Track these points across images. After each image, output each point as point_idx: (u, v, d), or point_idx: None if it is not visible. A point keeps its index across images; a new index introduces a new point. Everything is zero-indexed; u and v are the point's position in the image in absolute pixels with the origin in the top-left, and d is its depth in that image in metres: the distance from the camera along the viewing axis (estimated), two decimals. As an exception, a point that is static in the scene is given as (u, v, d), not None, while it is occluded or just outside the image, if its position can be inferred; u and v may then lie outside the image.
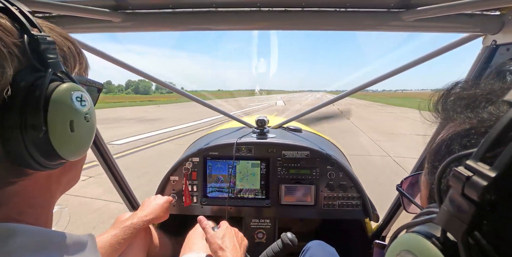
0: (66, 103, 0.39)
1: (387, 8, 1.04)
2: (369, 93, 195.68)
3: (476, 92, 0.38)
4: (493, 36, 1.04)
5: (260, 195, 1.70)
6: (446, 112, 0.42)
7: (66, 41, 0.46)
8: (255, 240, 1.73)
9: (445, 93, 0.43)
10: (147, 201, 1.45)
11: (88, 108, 0.43)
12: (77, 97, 0.41)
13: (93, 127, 0.46)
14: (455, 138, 0.37)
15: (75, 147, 0.42)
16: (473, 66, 1.14)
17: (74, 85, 0.41)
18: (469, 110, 0.37)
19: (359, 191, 1.63)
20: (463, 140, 0.35)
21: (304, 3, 1.03)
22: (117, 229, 1.18)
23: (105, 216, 3.77)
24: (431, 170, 0.41)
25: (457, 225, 0.28)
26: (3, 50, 0.34)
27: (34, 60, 0.37)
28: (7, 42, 0.34)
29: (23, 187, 0.40)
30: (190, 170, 1.68)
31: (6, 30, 0.35)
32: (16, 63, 0.35)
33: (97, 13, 1.01)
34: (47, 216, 0.45)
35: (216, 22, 1.10)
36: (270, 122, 2.05)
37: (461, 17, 1.03)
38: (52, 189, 0.46)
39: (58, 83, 0.39)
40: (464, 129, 0.36)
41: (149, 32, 1.16)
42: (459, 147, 0.35)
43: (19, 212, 0.40)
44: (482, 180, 0.25)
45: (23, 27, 0.37)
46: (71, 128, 0.40)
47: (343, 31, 1.16)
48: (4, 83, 0.34)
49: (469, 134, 0.35)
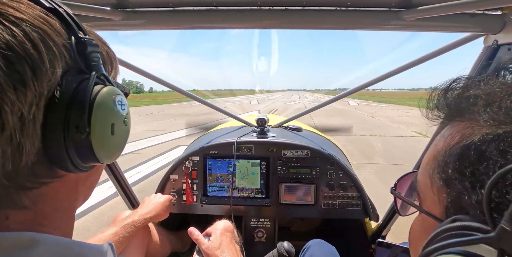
0: (109, 106, 0.40)
1: (388, 7, 1.04)
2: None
3: (495, 91, 0.35)
4: (495, 36, 1.04)
5: (260, 194, 1.70)
6: (459, 111, 0.38)
7: (103, 46, 0.47)
8: (254, 239, 1.73)
9: (449, 89, 0.41)
10: (148, 199, 1.45)
11: (126, 112, 0.44)
12: (118, 101, 0.41)
13: (129, 132, 0.46)
14: (487, 141, 0.32)
15: (113, 150, 0.42)
16: (474, 65, 1.13)
17: (116, 89, 0.42)
18: (493, 110, 0.34)
19: (359, 190, 1.63)
20: (500, 144, 0.31)
21: (304, 2, 1.03)
22: (117, 227, 1.18)
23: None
24: (455, 176, 0.35)
25: None
26: (54, 51, 0.34)
27: (80, 63, 0.38)
28: (58, 43, 0.34)
29: (53, 189, 0.39)
30: (190, 168, 1.68)
31: (56, 31, 0.35)
32: (64, 64, 0.35)
33: (97, 11, 1.01)
34: (69, 221, 0.45)
35: (216, 21, 1.10)
36: (271, 121, 2.05)
37: (463, 17, 1.03)
38: (78, 192, 0.45)
39: (101, 86, 0.39)
40: (497, 133, 0.32)
41: (149, 30, 1.16)
42: (497, 153, 0.31)
43: (44, 216, 0.39)
44: None
45: (71, 29, 0.37)
46: (112, 131, 0.40)
47: (342, 30, 1.15)
48: (54, 83, 0.34)
49: (506, 138, 0.31)
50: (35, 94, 0.32)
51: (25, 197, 0.35)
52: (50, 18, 0.35)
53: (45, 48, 0.33)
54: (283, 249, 1.23)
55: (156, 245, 1.46)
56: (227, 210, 1.67)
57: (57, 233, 0.40)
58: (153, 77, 1.58)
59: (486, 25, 1.03)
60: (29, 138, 0.32)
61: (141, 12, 1.09)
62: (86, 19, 1.07)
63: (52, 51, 0.33)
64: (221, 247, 1.06)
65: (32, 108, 0.32)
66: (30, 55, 0.31)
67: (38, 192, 0.37)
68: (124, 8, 1.07)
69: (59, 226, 0.42)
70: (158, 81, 1.61)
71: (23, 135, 0.32)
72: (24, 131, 0.31)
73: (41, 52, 0.32)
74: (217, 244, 1.06)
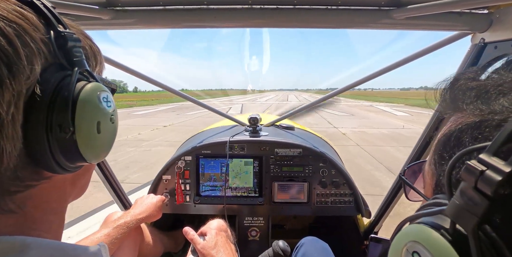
0: (94, 103, 0.38)
1: (378, 6, 1.05)
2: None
3: (486, 83, 0.38)
4: (482, 34, 1.06)
5: (253, 193, 1.70)
6: (455, 102, 0.41)
7: (86, 40, 0.45)
8: (248, 238, 1.74)
9: (453, 83, 0.43)
10: (140, 200, 1.44)
11: (113, 109, 0.42)
12: (103, 98, 0.40)
13: (116, 129, 0.45)
14: (465, 129, 0.36)
15: (100, 149, 0.41)
16: (461, 64, 1.15)
17: (100, 85, 0.40)
18: (480, 101, 0.36)
19: (351, 187, 1.65)
20: (474, 132, 0.35)
21: (295, 0, 1.03)
22: (109, 228, 1.17)
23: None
24: (439, 160, 0.40)
25: (468, 218, 0.28)
26: (32, 47, 0.32)
27: (61, 58, 0.36)
28: (35, 38, 0.33)
29: (40, 191, 0.38)
30: (183, 168, 1.67)
31: (34, 26, 0.33)
32: (43, 60, 0.34)
33: (86, 10, 1.00)
34: (59, 223, 0.44)
35: (207, 20, 1.10)
36: (263, 120, 2.05)
37: (451, 16, 1.05)
38: (67, 194, 0.44)
39: (85, 83, 0.37)
40: (475, 121, 0.35)
41: (139, 30, 1.15)
42: (470, 139, 0.35)
43: (34, 219, 0.38)
44: (496, 174, 0.26)
45: (49, 23, 0.35)
46: (98, 129, 0.39)
47: (333, 29, 1.16)
48: (32, 81, 0.32)
49: (480, 126, 0.34)
50: (13, 94, 0.30)
51: (10, 201, 0.34)
52: (27, 12, 0.33)
53: (21, 43, 0.31)
54: (279, 248, 1.23)
55: (148, 245, 1.44)
56: (220, 210, 1.67)
57: (49, 236, 0.39)
58: (142, 76, 1.55)
59: (473, 23, 1.05)
60: (9, 140, 0.31)
61: (131, 11, 1.07)
62: (75, 18, 1.05)
63: (29, 47, 0.32)
64: (216, 246, 1.05)
65: (11, 109, 0.30)
66: (5, 52, 0.29)
67: (24, 195, 0.35)
68: (114, 7, 1.06)
69: (50, 229, 0.41)
70: (147, 80, 1.59)
71: (2, 137, 0.30)
72: (3, 132, 0.30)
73: (17, 48, 0.30)
74: (213, 244, 1.06)
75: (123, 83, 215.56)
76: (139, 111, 23.28)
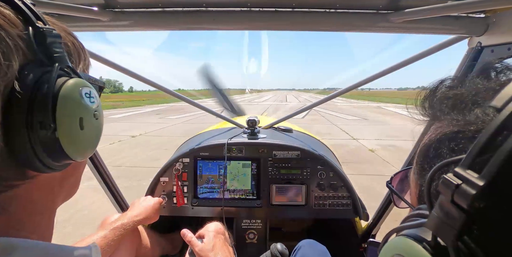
0: (75, 99, 0.37)
1: (376, 9, 1.06)
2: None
3: (462, 93, 0.38)
4: (478, 38, 1.07)
5: (251, 195, 1.70)
6: (433, 111, 0.41)
7: (69, 36, 0.44)
8: (246, 241, 1.73)
9: (432, 91, 0.43)
10: (137, 201, 1.43)
11: (96, 105, 0.41)
12: (86, 94, 0.39)
13: (101, 125, 0.44)
14: (443, 140, 0.37)
15: (84, 145, 0.40)
16: (459, 67, 1.16)
17: (83, 81, 0.39)
18: (456, 111, 0.37)
19: (349, 190, 1.65)
20: (451, 143, 0.35)
21: (294, 3, 1.04)
22: (106, 230, 1.16)
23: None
24: (420, 171, 0.41)
25: (447, 230, 0.28)
26: (8, 42, 0.31)
27: (40, 54, 0.35)
28: (12, 34, 0.32)
29: (25, 191, 0.37)
30: (181, 171, 1.67)
31: (10, 21, 0.32)
32: (22, 57, 0.33)
33: (85, 11, 1.00)
34: (47, 224, 0.43)
35: (206, 22, 1.10)
36: (261, 122, 2.05)
37: (448, 19, 1.05)
38: (55, 194, 0.43)
39: (66, 79, 0.37)
40: (451, 131, 0.36)
41: (138, 31, 1.15)
42: (447, 150, 0.36)
43: (18, 220, 0.37)
44: (470, 188, 0.26)
45: (27, 19, 0.35)
46: (80, 126, 0.38)
47: (331, 32, 1.17)
48: (10, 78, 0.31)
49: (456, 137, 0.35)
50: None
51: None
52: (3, 8, 0.33)
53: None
54: (277, 250, 1.22)
55: (146, 248, 1.44)
56: (218, 212, 1.66)
57: (35, 237, 0.38)
58: (136, 75, 1.53)
59: (470, 27, 1.05)
60: None
61: (130, 13, 1.08)
62: (73, 20, 1.05)
63: (5, 43, 0.31)
64: (214, 249, 1.05)
65: None
66: None
67: (8, 195, 0.35)
68: (113, 8, 1.06)
69: (37, 230, 0.40)
70: (141, 80, 1.57)
71: None
72: None
73: None
74: (211, 246, 1.06)
75: (118, 83, 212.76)
76: (118, 114, 20.11)
